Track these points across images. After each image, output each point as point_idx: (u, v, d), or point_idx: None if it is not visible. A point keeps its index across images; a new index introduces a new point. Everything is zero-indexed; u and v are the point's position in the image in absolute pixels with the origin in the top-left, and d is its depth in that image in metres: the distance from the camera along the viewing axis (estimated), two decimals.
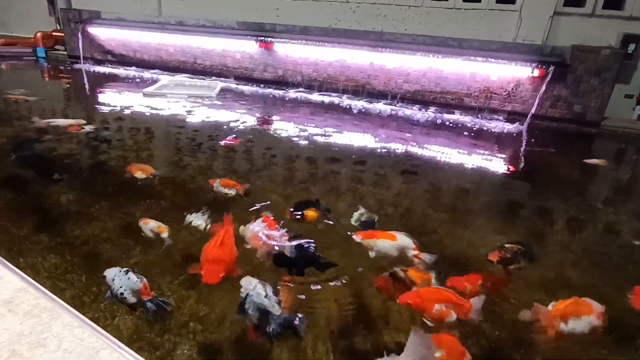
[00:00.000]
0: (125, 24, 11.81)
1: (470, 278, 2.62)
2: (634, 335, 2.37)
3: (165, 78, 10.42)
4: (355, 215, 3.51)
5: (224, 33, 10.57)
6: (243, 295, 2.27)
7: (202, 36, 10.88)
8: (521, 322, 2.35)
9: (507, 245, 3.03)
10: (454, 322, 2.20)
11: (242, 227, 3.02)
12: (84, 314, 1.74)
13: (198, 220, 3.16)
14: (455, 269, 2.90)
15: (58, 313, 1.64)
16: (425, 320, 2.24)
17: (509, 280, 2.78)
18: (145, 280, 2.29)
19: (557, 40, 8.76)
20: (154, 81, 9.85)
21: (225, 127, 6.40)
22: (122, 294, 2.18)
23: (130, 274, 2.29)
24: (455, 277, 2.62)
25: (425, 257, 2.78)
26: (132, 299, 2.19)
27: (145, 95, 8.40)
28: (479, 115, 8.74)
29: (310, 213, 3.33)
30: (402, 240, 2.86)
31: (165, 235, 2.93)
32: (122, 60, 12.45)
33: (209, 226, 3.09)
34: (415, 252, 2.81)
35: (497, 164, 5.93)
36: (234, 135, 5.74)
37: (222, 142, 5.48)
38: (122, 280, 2.23)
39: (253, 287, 2.29)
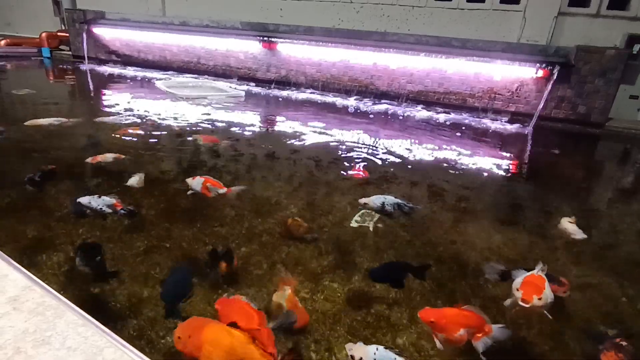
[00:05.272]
0: (129, 24, 11.88)
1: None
2: None
3: (163, 79, 10.47)
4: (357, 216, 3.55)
5: (228, 33, 10.61)
6: None
7: (205, 36, 10.93)
8: None
9: (622, 343, 2.22)
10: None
11: (189, 179, 3.75)
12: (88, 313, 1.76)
13: None
14: (458, 274, 2.90)
15: (62, 311, 1.65)
16: (436, 340, 2.03)
17: None
18: (117, 198, 3.32)
19: (562, 41, 8.73)
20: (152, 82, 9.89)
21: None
22: (102, 208, 3.20)
23: (105, 197, 3.28)
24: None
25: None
26: (108, 210, 3.22)
27: (180, 98, 8.35)
28: (483, 116, 8.72)
29: None
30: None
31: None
32: (127, 60, 12.52)
33: None
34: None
35: (501, 165, 5.92)
36: (361, 165, 5.01)
37: (352, 173, 4.70)
38: (97, 201, 3.23)
39: None
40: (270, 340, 1.81)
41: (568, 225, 3.64)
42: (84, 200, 3.25)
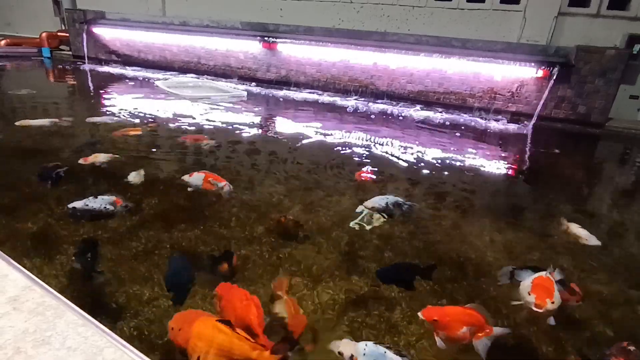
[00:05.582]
0: (129, 24, 11.88)
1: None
2: None
3: (163, 80, 10.49)
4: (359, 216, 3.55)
5: (228, 33, 10.61)
6: None
7: (205, 36, 10.93)
8: None
9: (630, 348, 2.15)
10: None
11: (186, 176, 3.86)
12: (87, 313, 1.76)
13: None
14: (459, 275, 2.90)
15: (62, 311, 1.65)
16: (437, 338, 2.05)
17: None
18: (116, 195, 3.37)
19: (562, 41, 8.73)
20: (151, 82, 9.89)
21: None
22: (106, 207, 3.22)
23: (103, 196, 3.31)
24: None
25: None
26: (111, 207, 3.25)
27: (184, 99, 8.36)
28: (483, 116, 8.72)
29: None
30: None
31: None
32: (127, 60, 12.52)
33: None
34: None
35: (502, 165, 5.91)
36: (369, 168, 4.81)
37: (360, 176, 4.56)
38: (98, 200, 3.25)
39: None
40: (260, 328, 1.89)
41: (578, 229, 3.54)
42: (79, 204, 3.21)
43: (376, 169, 4.85)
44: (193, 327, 1.80)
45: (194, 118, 6.76)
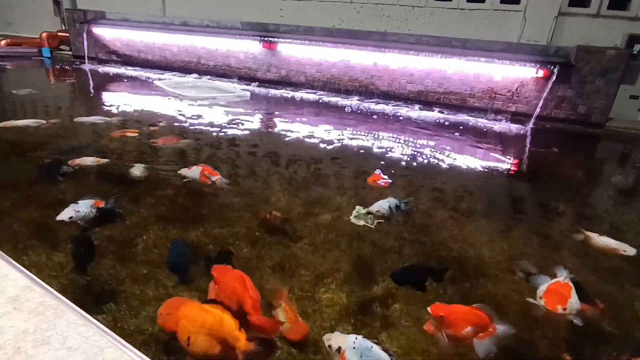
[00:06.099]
0: (129, 24, 11.89)
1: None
2: None
3: (164, 80, 10.49)
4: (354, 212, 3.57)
5: (228, 33, 10.61)
6: None
7: (206, 36, 10.93)
8: None
9: None
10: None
11: (184, 169, 4.05)
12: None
13: None
14: (464, 275, 2.89)
15: (62, 311, 1.65)
16: (440, 335, 2.06)
17: None
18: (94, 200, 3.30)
19: (562, 41, 8.73)
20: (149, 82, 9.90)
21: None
22: (90, 211, 3.15)
23: (83, 201, 3.23)
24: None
25: None
26: (93, 211, 3.18)
27: (192, 101, 8.35)
28: (483, 116, 8.72)
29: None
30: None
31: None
32: (127, 60, 12.52)
33: None
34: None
35: (501, 165, 5.91)
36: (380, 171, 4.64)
37: (372, 181, 4.43)
38: (82, 205, 3.17)
39: None
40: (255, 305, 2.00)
41: (609, 240, 3.31)
42: (69, 212, 3.09)
43: (376, 170, 4.83)
44: (180, 310, 1.89)
45: (194, 118, 6.75)
